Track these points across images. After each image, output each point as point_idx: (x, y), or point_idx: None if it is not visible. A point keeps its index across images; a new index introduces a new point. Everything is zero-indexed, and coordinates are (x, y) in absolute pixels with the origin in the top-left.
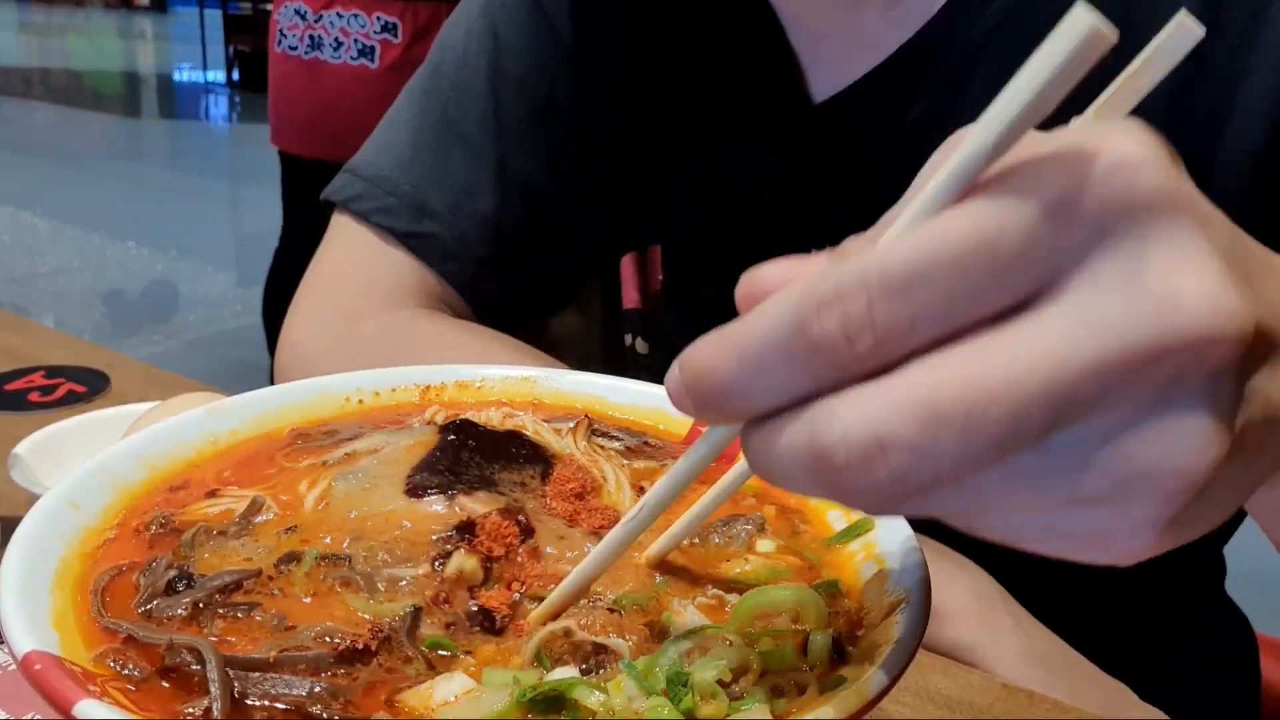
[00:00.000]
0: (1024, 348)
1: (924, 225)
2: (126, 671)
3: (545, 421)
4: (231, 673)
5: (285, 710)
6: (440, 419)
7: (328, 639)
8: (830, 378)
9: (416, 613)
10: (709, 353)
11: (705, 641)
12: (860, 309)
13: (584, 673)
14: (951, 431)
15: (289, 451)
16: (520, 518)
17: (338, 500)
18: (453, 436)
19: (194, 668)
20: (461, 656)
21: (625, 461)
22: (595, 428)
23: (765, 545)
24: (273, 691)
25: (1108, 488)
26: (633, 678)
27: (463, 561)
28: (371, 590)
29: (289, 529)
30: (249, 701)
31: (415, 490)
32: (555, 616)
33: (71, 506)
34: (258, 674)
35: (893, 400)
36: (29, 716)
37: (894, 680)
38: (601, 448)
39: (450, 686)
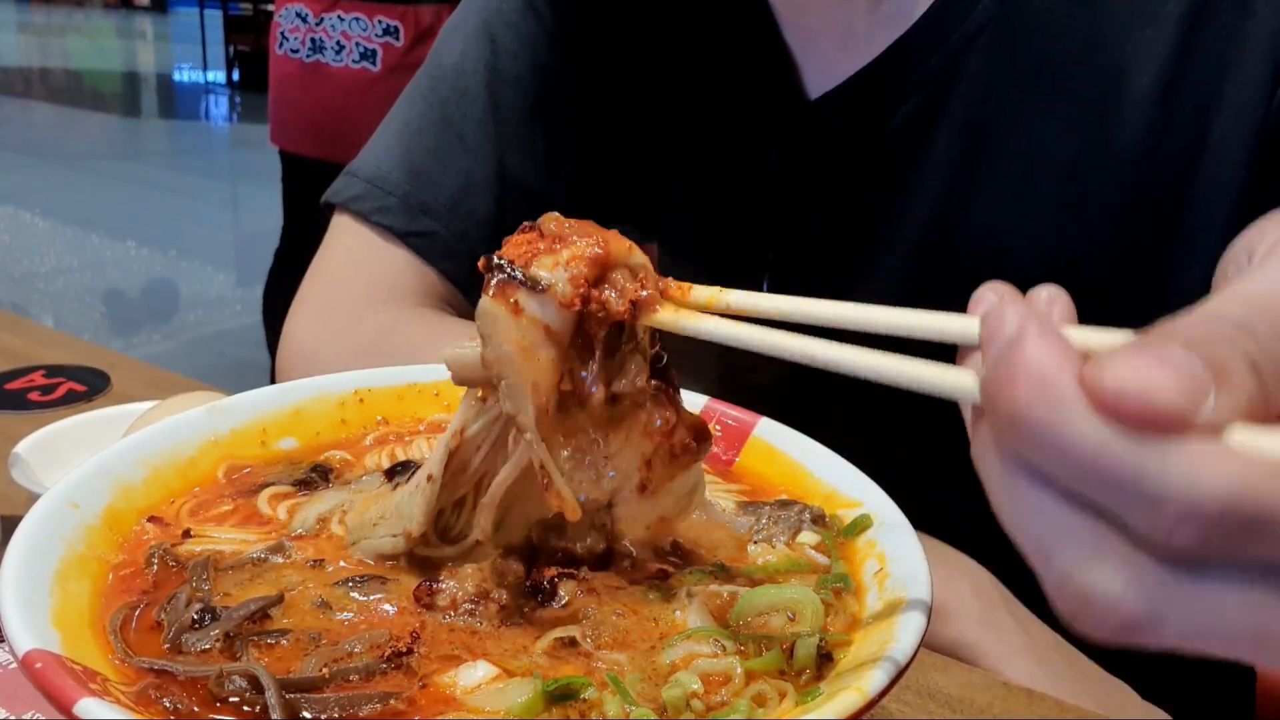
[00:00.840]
0: None
1: None
2: (174, 706)
3: None
4: (289, 695)
5: None
6: (385, 463)
7: (372, 645)
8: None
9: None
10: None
11: (697, 647)
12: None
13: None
14: (1219, 644)
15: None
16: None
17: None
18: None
19: (248, 695)
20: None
21: None
22: None
23: (809, 537)
24: (335, 712)
25: None
26: (618, 691)
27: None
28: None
29: (315, 561)
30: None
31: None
32: None
33: (72, 506)
34: (315, 694)
35: (1191, 613)
36: (29, 715)
37: (895, 679)
38: None
39: (475, 674)
